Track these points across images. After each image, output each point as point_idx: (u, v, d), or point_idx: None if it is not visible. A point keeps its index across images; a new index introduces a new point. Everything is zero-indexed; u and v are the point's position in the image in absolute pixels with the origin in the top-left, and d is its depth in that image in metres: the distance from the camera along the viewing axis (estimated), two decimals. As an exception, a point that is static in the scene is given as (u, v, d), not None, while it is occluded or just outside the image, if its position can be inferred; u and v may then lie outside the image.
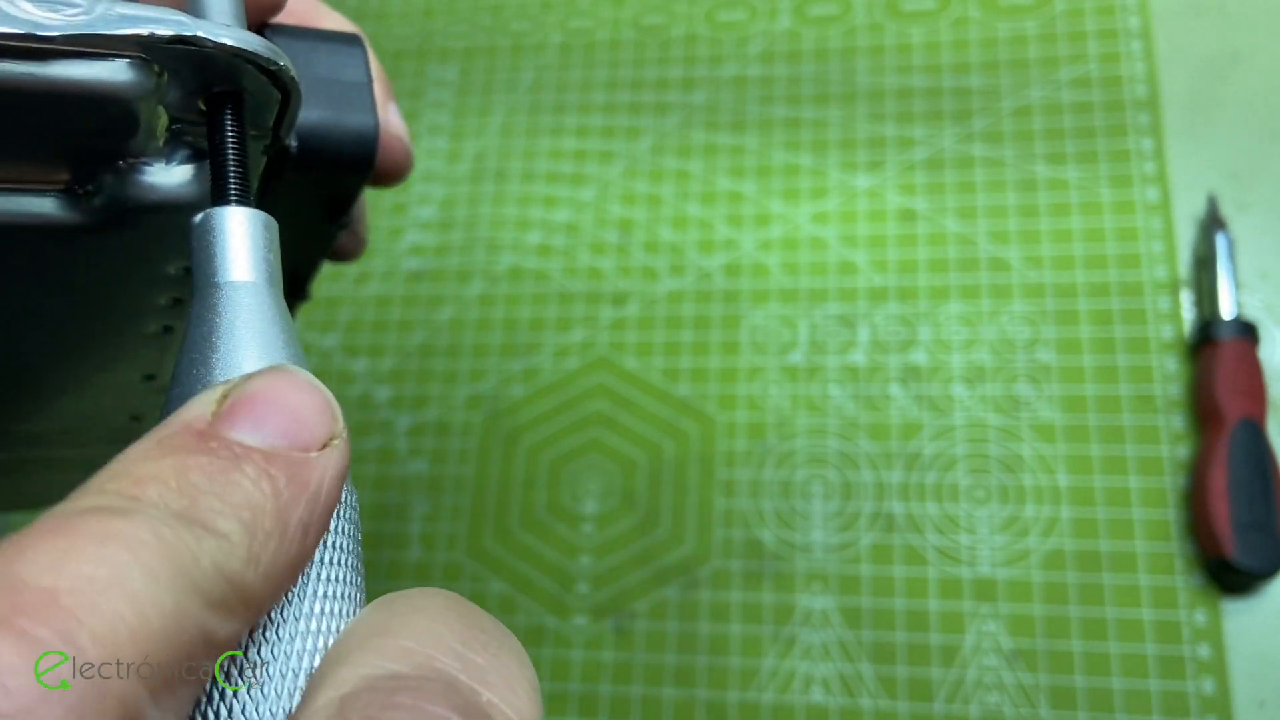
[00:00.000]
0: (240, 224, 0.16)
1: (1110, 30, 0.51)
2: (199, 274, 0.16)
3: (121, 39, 0.15)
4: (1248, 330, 0.43)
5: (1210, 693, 0.40)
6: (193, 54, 0.16)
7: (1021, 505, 0.43)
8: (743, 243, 0.51)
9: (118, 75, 0.16)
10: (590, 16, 0.58)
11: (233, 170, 0.17)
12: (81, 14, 0.15)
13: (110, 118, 0.16)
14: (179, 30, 0.16)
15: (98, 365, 0.25)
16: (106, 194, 0.18)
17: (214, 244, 0.16)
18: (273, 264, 0.16)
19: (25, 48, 0.15)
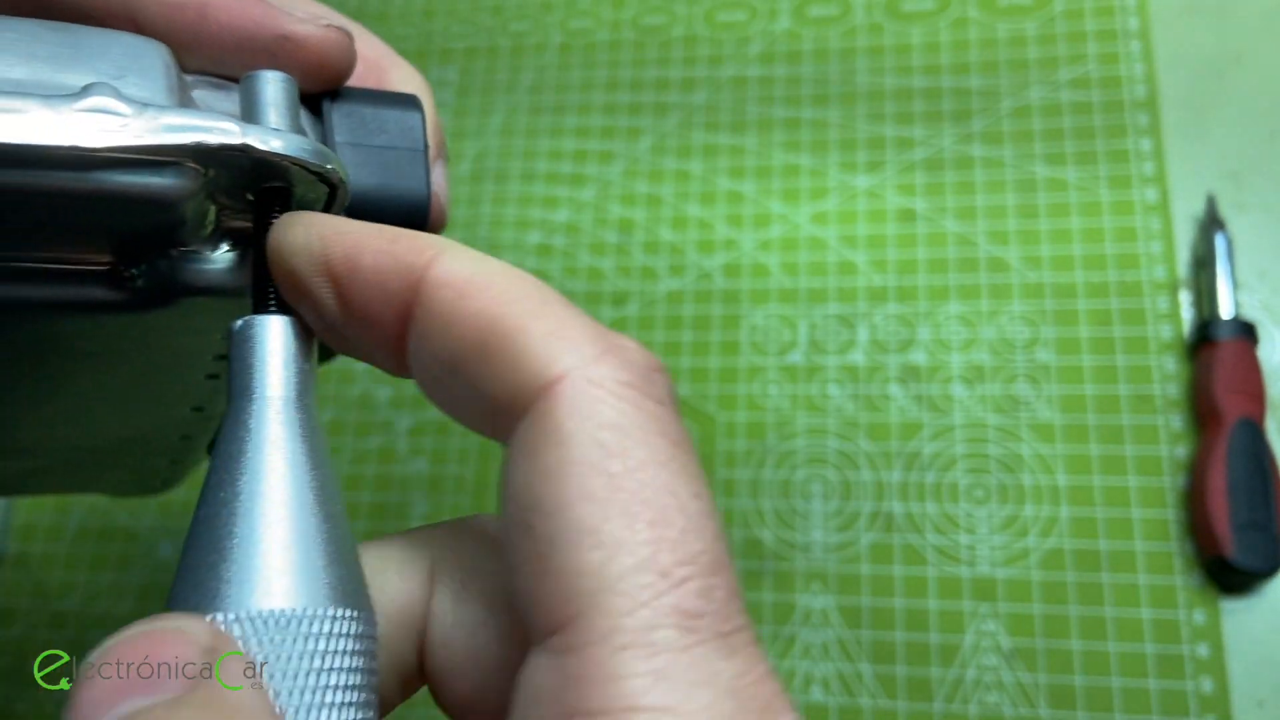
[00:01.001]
0: (278, 335, 0.16)
1: (1109, 31, 0.51)
2: (235, 382, 0.16)
3: (168, 149, 0.16)
4: (1246, 330, 0.43)
5: (1209, 692, 0.40)
6: (238, 158, 0.16)
7: (1021, 505, 0.44)
8: (742, 243, 0.51)
9: (165, 180, 0.16)
10: (590, 17, 0.58)
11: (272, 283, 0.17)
12: (127, 125, 0.15)
13: (156, 216, 0.17)
14: (225, 139, 0.16)
15: (145, 406, 0.25)
16: (150, 277, 0.18)
17: (251, 355, 0.16)
18: (306, 374, 0.17)
19: (73, 158, 0.15)
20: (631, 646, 0.13)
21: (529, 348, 0.15)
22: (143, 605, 0.48)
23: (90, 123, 0.15)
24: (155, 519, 0.50)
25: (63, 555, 0.50)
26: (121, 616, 0.48)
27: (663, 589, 0.13)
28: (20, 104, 0.15)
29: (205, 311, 0.19)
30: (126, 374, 0.23)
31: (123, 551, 0.50)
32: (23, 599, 0.50)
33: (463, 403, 0.16)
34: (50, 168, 0.15)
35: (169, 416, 0.27)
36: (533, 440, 0.14)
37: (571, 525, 0.14)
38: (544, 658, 0.13)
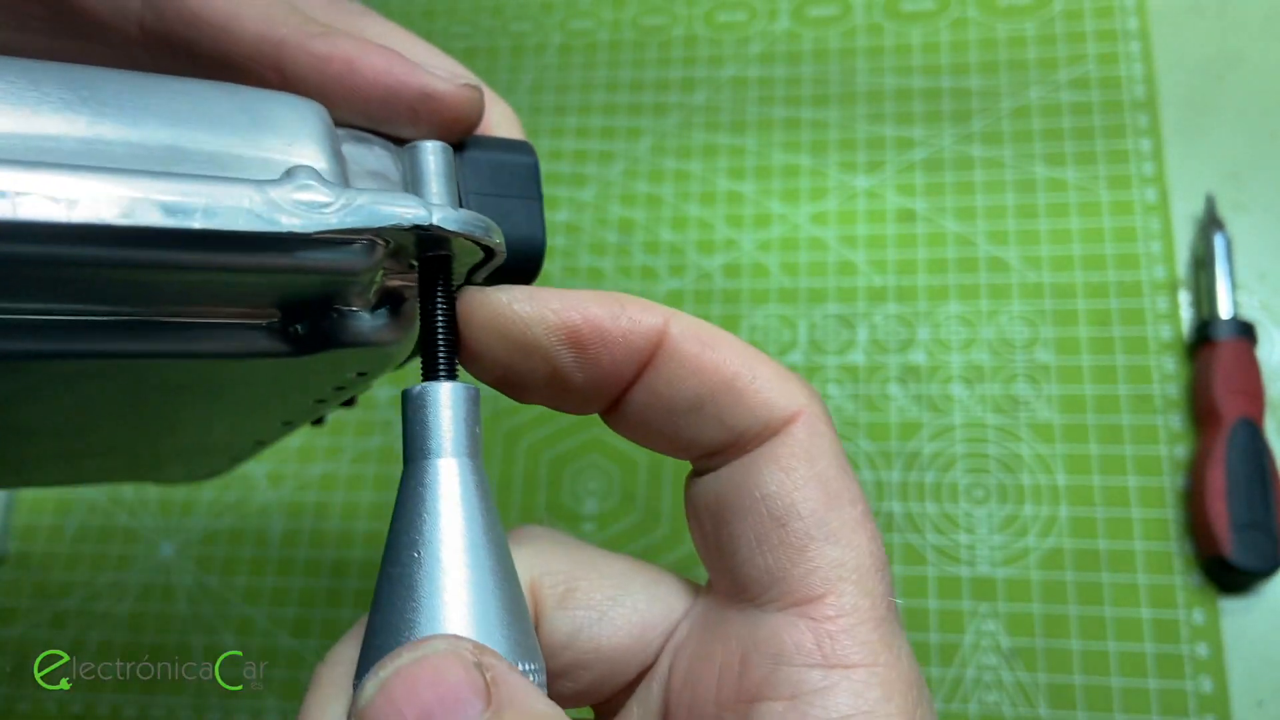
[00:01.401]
0: (450, 401, 0.18)
1: (1109, 31, 0.51)
2: (411, 445, 0.18)
3: (367, 230, 0.17)
4: (1246, 330, 0.43)
5: (1208, 691, 0.40)
6: (423, 235, 0.18)
7: (1020, 504, 0.44)
8: (742, 243, 0.51)
9: (354, 256, 0.17)
10: (591, 17, 0.58)
11: (443, 344, 0.19)
12: (335, 211, 0.16)
13: (338, 281, 0.18)
14: (419, 221, 0.17)
15: (243, 421, 0.27)
16: (310, 330, 0.19)
17: (426, 420, 0.18)
18: (477, 436, 0.18)
19: (285, 242, 0.16)
20: (869, 620, 0.18)
21: (769, 387, 0.19)
22: (143, 605, 0.49)
23: (301, 209, 0.16)
24: (155, 519, 0.50)
25: (63, 555, 0.50)
26: (121, 616, 0.48)
27: (880, 581, 0.19)
28: (235, 190, 0.16)
29: (349, 357, 0.20)
30: (246, 399, 0.24)
31: (123, 551, 0.50)
32: (24, 599, 0.50)
33: (686, 434, 0.20)
34: (260, 250, 0.16)
35: (258, 428, 0.28)
36: (786, 458, 0.19)
37: (822, 527, 0.18)
38: (795, 621, 0.18)
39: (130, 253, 0.15)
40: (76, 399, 0.21)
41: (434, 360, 0.18)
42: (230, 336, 0.19)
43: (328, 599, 0.47)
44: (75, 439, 0.25)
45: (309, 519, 0.49)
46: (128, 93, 0.17)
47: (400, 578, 0.17)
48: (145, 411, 0.23)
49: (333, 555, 0.48)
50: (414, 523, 0.17)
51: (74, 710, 0.47)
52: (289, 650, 0.47)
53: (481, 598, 0.17)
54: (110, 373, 0.19)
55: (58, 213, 0.14)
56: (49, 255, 0.15)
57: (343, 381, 0.23)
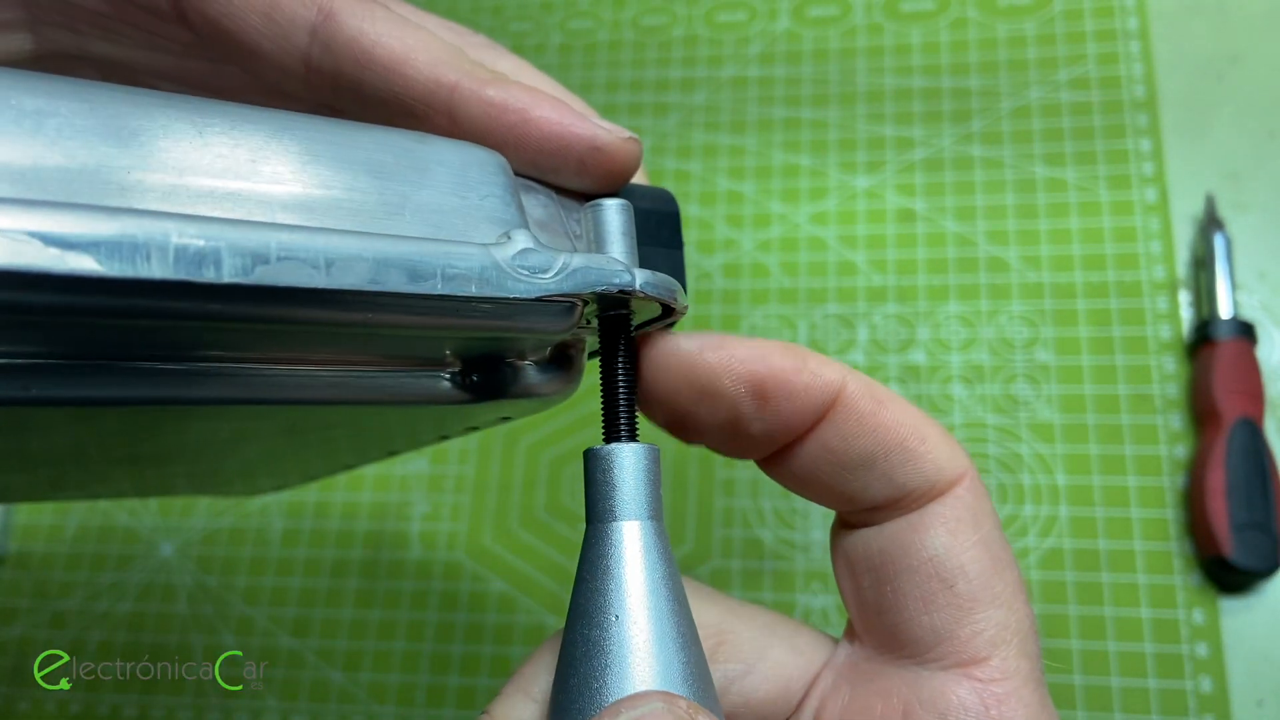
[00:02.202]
0: (638, 461, 0.18)
1: (1109, 31, 0.51)
2: (596, 506, 0.18)
3: (579, 295, 0.17)
4: (1245, 330, 0.43)
5: (1208, 691, 0.40)
6: (620, 295, 0.18)
7: (1020, 504, 0.44)
8: (742, 243, 0.51)
9: (559, 318, 0.18)
10: (590, 17, 0.58)
11: (624, 405, 0.19)
12: (554, 276, 0.17)
13: (531, 339, 0.19)
14: (625, 286, 0.18)
15: (348, 455, 0.27)
16: (485, 379, 0.20)
17: (611, 481, 0.18)
18: (658, 497, 0.19)
19: (508, 304, 0.17)
20: (1030, 682, 0.19)
21: (938, 449, 0.20)
22: (143, 605, 0.49)
23: (524, 275, 0.17)
24: (155, 519, 0.50)
25: (64, 555, 0.50)
26: (122, 616, 0.48)
27: (1036, 645, 0.19)
28: (468, 253, 0.16)
29: (511, 406, 0.21)
30: (381, 433, 0.24)
31: (123, 551, 0.50)
32: (24, 598, 0.50)
33: (852, 488, 0.20)
34: (483, 314, 0.17)
35: (359, 457, 0.29)
36: (954, 521, 0.19)
37: (988, 590, 0.19)
38: (960, 680, 0.19)
39: (363, 313, 0.16)
40: (230, 433, 0.21)
41: (616, 421, 0.19)
42: (416, 385, 0.19)
43: (328, 599, 0.47)
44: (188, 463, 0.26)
45: (309, 519, 0.49)
46: (326, 139, 0.16)
47: (596, 640, 0.17)
48: (270, 447, 0.24)
49: (333, 555, 0.48)
50: (604, 586, 0.18)
51: (74, 710, 0.47)
52: (289, 650, 0.47)
53: (675, 659, 0.17)
54: (274, 416, 0.19)
55: (316, 279, 0.15)
56: (293, 316, 0.15)
57: (480, 424, 0.24)
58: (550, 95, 0.20)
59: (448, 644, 0.46)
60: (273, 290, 0.14)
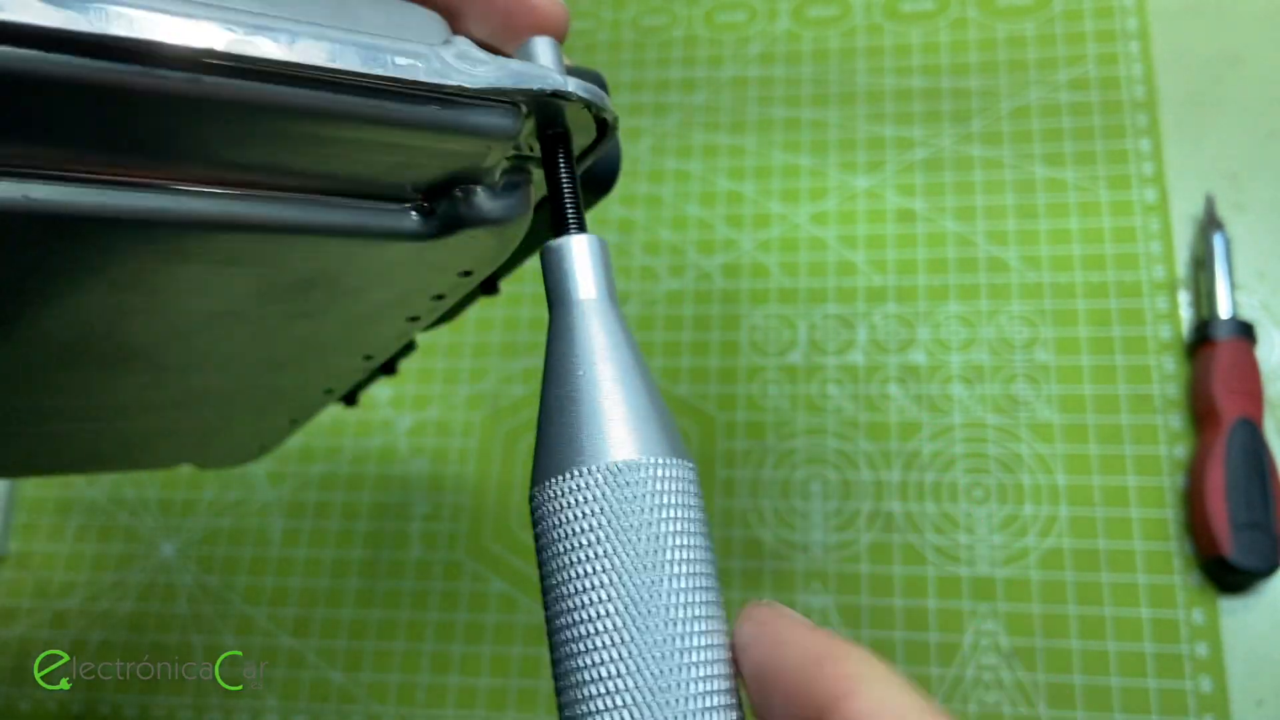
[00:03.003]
0: (585, 250, 0.20)
1: (1108, 31, 0.51)
2: (556, 292, 0.20)
3: (518, 92, 0.18)
4: (1245, 330, 0.43)
5: (1208, 691, 0.40)
6: (549, 104, 0.19)
7: (1020, 504, 0.44)
8: (742, 243, 0.51)
9: (504, 120, 0.19)
10: (590, 17, 0.58)
11: (570, 204, 0.20)
12: (491, 70, 0.18)
13: (481, 151, 0.19)
14: (557, 86, 0.19)
15: (330, 351, 0.29)
16: (445, 210, 0.21)
17: (567, 267, 0.20)
18: (611, 280, 0.20)
19: (451, 96, 0.18)
20: None
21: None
22: (143, 605, 0.49)
23: (466, 66, 0.18)
24: (155, 519, 0.50)
25: (64, 555, 0.50)
26: (122, 616, 0.48)
27: None
28: (415, 46, 0.18)
29: (467, 244, 0.22)
30: (351, 313, 0.25)
31: (123, 551, 0.50)
32: (24, 598, 0.50)
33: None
34: (430, 102, 0.18)
35: (337, 365, 0.30)
36: None
37: None
38: None
39: (326, 98, 0.17)
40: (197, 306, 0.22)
41: (565, 217, 0.20)
42: (378, 216, 0.21)
43: (328, 599, 0.47)
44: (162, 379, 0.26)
45: (309, 519, 0.49)
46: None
47: (558, 402, 0.19)
48: (254, 330, 0.24)
49: (333, 555, 0.48)
50: (565, 357, 0.19)
51: (74, 710, 0.47)
52: (289, 650, 0.47)
53: (632, 408, 0.18)
54: (250, 259, 0.20)
55: (279, 51, 0.16)
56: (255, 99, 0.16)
57: (444, 287, 0.24)
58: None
59: (448, 644, 0.46)
60: (241, 66, 0.16)
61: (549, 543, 0.18)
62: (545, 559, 0.18)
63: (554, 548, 0.18)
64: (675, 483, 0.18)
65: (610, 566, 0.17)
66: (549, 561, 0.18)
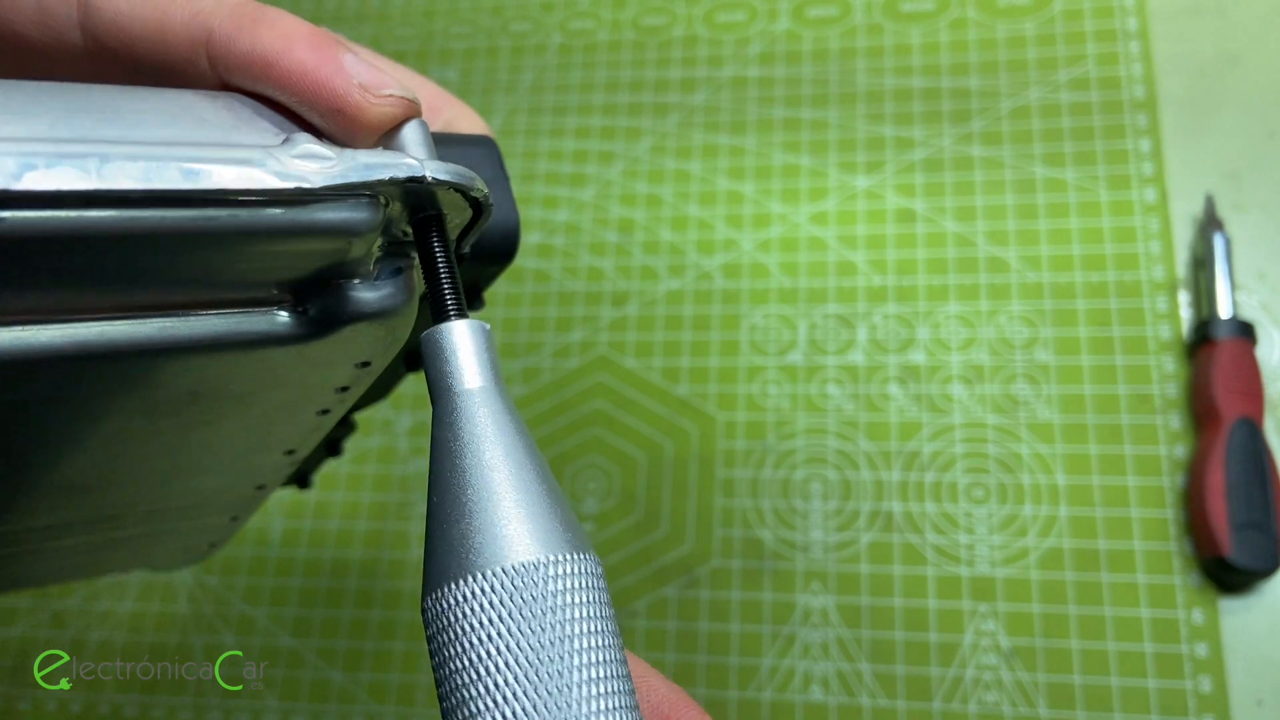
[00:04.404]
0: (465, 336, 0.19)
1: (1108, 31, 0.51)
2: (438, 383, 0.19)
3: (367, 185, 0.18)
4: (1245, 330, 0.43)
5: (1208, 691, 0.40)
6: (414, 189, 0.18)
7: (1020, 504, 0.44)
8: (742, 243, 0.51)
9: (360, 213, 0.18)
10: (591, 18, 0.58)
11: (447, 289, 0.19)
12: (334, 165, 0.17)
13: (343, 247, 0.19)
14: (412, 173, 0.18)
15: (245, 453, 0.27)
16: (320, 308, 0.20)
17: (447, 357, 0.19)
18: (496, 365, 0.19)
19: (292, 199, 0.17)
20: None
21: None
22: (143, 604, 0.49)
23: (307, 165, 0.17)
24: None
25: (63, 555, 0.50)
26: (122, 615, 0.48)
27: None
28: (245, 154, 0.17)
29: (354, 338, 0.21)
30: (252, 418, 0.24)
31: (123, 551, 0.50)
32: (24, 598, 0.50)
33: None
34: (270, 206, 0.17)
35: (258, 463, 0.28)
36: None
37: None
38: None
39: (149, 217, 0.16)
40: (86, 430, 0.21)
41: (443, 302, 0.19)
42: (249, 323, 0.20)
43: (328, 599, 0.47)
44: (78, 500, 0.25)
45: (309, 518, 0.49)
46: (119, 103, 0.17)
47: (444, 502, 0.18)
48: (155, 444, 0.24)
49: (333, 555, 0.48)
50: (450, 451, 0.18)
51: (74, 710, 0.47)
52: (289, 650, 0.47)
53: (526, 504, 0.18)
54: (120, 383, 0.20)
55: (83, 180, 0.15)
56: (72, 228, 0.15)
57: (346, 380, 0.23)
58: (313, 39, 0.19)
59: (448, 644, 0.46)
60: (48, 196, 0.15)
61: (447, 657, 0.17)
62: (443, 675, 0.17)
63: (453, 663, 0.17)
64: (579, 579, 0.17)
65: (515, 677, 0.16)
66: (448, 678, 0.17)
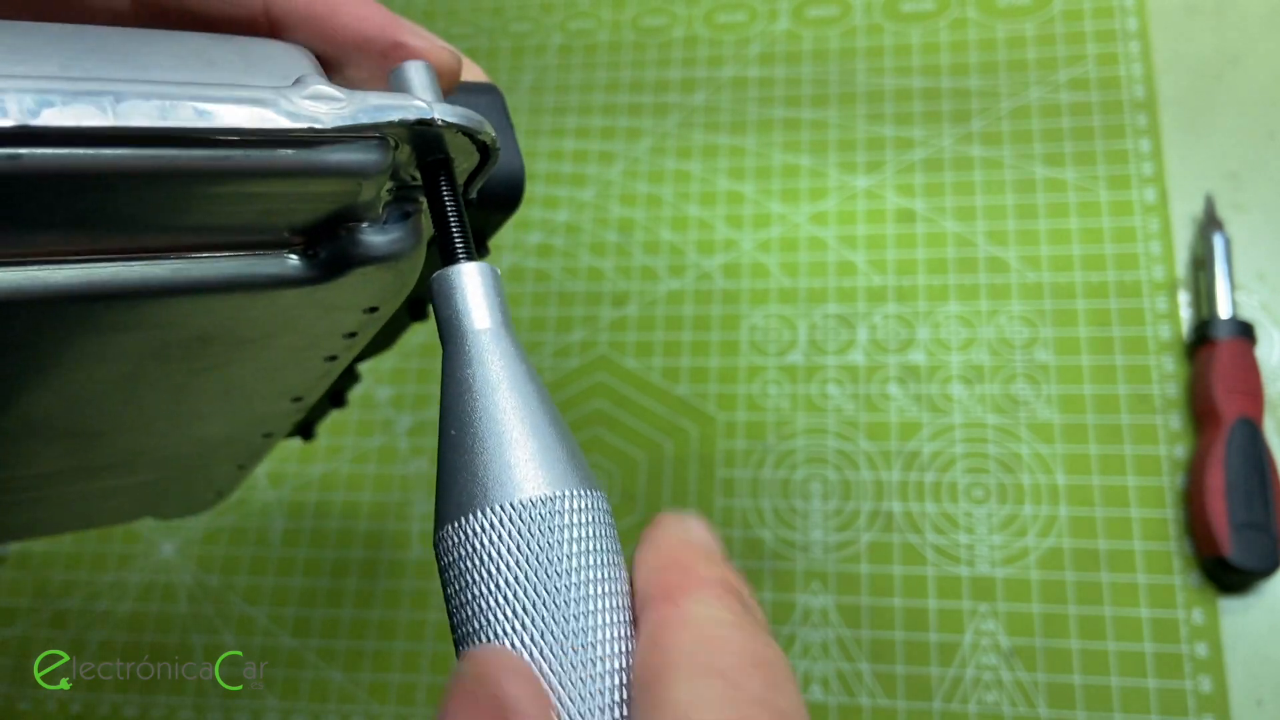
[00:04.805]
0: (475, 278, 0.19)
1: (1108, 31, 0.51)
2: (448, 325, 0.19)
3: (377, 126, 0.18)
4: (1245, 330, 0.43)
5: (1207, 691, 0.40)
6: (422, 132, 0.18)
7: (1020, 504, 0.44)
8: (742, 243, 0.51)
9: (370, 155, 0.18)
10: (591, 18, 0.58)
11: (456, 231, 0.19)
12: (345, 106, 0.17)
13: (353, 189, 0.19)
14: (421, 115, 0.18)
15: (253, 399, 0.27)
16: (330, 252, 0.20)
17: (457, 298, 0.19)
18: (505, 307, 0.19)
19: (303, 138, 0.17)
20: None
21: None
22: (143, 604, 0.49)
23: (318, 106, 0.17)
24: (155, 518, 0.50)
25: (64, 554, 0.50)
26: (122, 615, 0.48)
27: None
28: (256, 94, 0.17)
29: (363, 282, 0.21)
30: (261, 361, 0.24)
31: (123, 551, 0.50)
32: (24, 598, 0.50)
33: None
34: (282, 146, 0.17)
35: (266, 410, 0.29)
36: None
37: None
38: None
39: (164, 156, 0.16)
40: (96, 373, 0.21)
41: (452, 245, 0.19)
42: (260, 266, 0.20)
43: (328, 599, 0.47)
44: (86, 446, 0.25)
45: (309, 518, 0.49)
46: (131, 45, 0.17)
47: (458, 439, 0.18)
48: (165, 388, 0.24)
49: (333, 555, 0.48)
50: (462, 392, 0.18)
51: (74, 710, 0.47)
52: (289, 650, 0.47)
53: (536, 441, 0.18)
54: (133, 324, 0.20)
55: (99, 118, 0.15)
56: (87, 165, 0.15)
57: (353, 325, 0.24)
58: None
59: (447, 644, 0.46)
60: (65, 134, 0.15)
61: (464, 585, 0.17)
62: (459, 603, 0.17)
63: (470, 590, 0.17)
64: (588, 514, 0.17)
65: (530, 599, 0.16)
66: (465, 605, 0.17)
